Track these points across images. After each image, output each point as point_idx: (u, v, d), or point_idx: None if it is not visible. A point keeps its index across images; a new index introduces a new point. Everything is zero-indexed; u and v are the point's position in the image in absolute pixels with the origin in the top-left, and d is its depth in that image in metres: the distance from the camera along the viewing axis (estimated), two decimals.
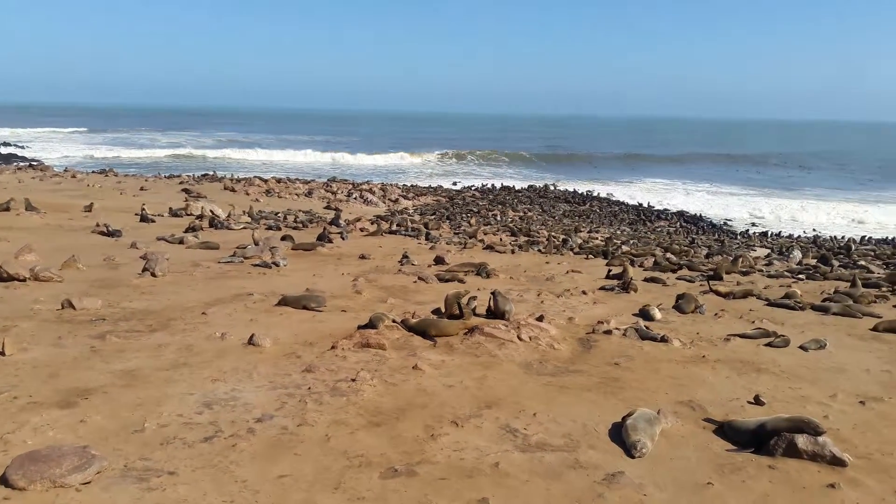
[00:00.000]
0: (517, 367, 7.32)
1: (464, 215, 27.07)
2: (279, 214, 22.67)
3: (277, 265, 13.12)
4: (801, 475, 4.92)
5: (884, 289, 13.58)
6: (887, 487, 4.80)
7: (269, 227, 19.47)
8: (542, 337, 8.36)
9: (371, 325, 8.33)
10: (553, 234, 22.37)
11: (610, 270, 14.51)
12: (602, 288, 12.68)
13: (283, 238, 16.89)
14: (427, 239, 19.40)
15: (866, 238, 25.12)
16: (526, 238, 20.89)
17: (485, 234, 21.75)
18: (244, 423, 5.47)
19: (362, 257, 14.95)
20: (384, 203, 30.45)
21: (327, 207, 26.57)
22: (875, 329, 10.01)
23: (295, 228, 19.74)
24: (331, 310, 9.66)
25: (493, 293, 9.59)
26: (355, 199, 30.28)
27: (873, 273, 16.04)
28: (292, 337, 8.11)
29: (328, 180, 37.44)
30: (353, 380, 6.47)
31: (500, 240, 20.25)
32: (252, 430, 5.35)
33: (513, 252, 17.74)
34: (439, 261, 14.88)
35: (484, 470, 4.80)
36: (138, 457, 4.79)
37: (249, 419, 5.55)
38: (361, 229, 20.72)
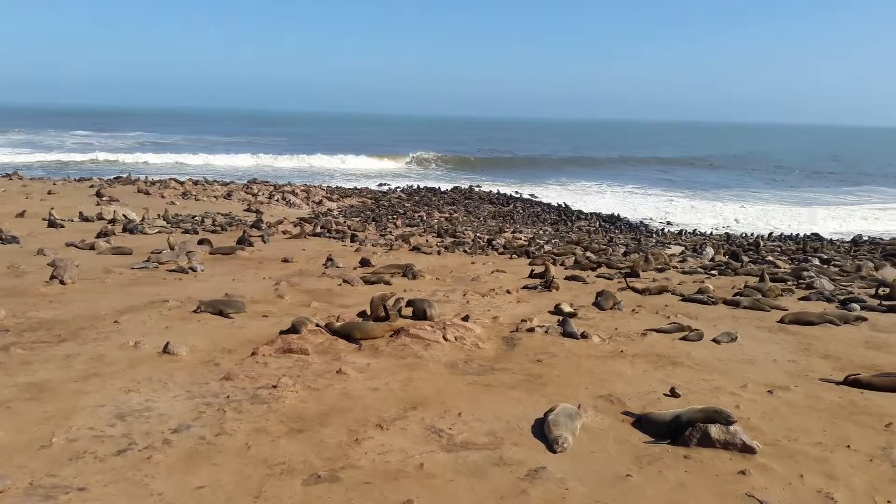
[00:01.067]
0: (443, 368, 7.33)
1: (390, 217, 26.97)
2: (196, 218, 21.96)
3: (194, 270, 12.70)
4: (714, 463, 5.12)
5: (789, 283, 14.33)
6: (793, 472, 5.05)
7: (186, 231, 18.84)
8: (468, 336, 8.42)
9: (293, 329, 8.17)
10: (478, 234, 22.58)
11: (533, 270, 14.75)
12: (525, 287, 12.87)
13: (201, 242, 16.37)
14: (352, 241, 19.23)
15: (774, 234, 26.50)
16: (452, 239, 20.99)
17: (410, 235, 21.74)
18: (159, 434, 5.27)
19: (285, 260, 14.66)
20: (307, 205, 29.97)
21: (248, 210, 25.94)
22: (782, 321, 10.56)
23: (213, 232, 19.18)
24: (251, 315, 9.42)
25: (410, 300, 9.64)
26: (277, 200, 29.67)
27: (780, 268, 16.93)
28: (210, 344, 7.87)
29: (248, 182, 36.55)
30: (275, 386, 6.33)
31: (427, 241, 20.28)
32: (168, 441, 5.15)
33: (439, 253, 17.78)
34: (365, 263, 14.76)
35: (409, 472, 4.78)
36: (45, 473, 4.53)
37: (165, 430, 5.35)
38: (284, 232, 20.33)
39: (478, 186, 42.59)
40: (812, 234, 26.45)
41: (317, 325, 8.39)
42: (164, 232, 18.26)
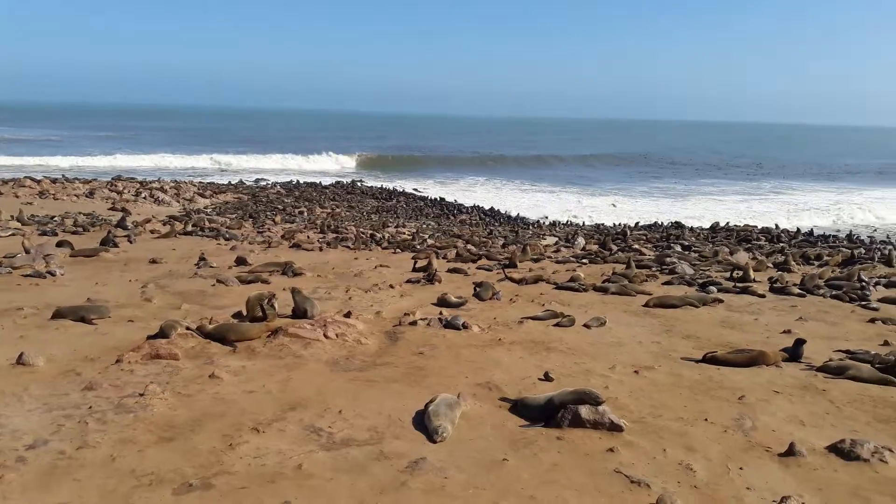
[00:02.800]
0: (323, 366, 7.23)
1: (268, 213, 26.20)
2: (55, 218, 20.38)
3: (53, 274, 11.78)
4: (585, 443, 5.36)
5: (654, 269, 15.26)
6: (657, 447, 5.38)
7: (44, 233, 17.42)
8: (350, 333, 8.34)
9: (162, 334, 7.76)
10: (361, 230, 22.41)
11: (416, 263, 14.83)
12: (409, 281, 12.92)
13: (60, 244, 15.19)
14: (227, 239, 18.52)
15: (639, 224, 28.06)
16: (334, 235, 20.71)
17: (297, 231, 21.26)
18: (12, 451, 4.87)
19: (153, 261, 13.90)
20: (178, 202, 28.54)
21: (112, 209, 24.36)
22: (646, 305, 11.23)
23: (74, 233, 17.86)
24: (116, 320, 8.87)
25: (292, 290, 9.44)
26: (145, 198, 28.06)
27: (645, 255, 17.98)
28: (70, 353, 7.33)
29: (112, 179, 34.32)
30: (142, 394, 5.99)
31: (308, 237, 19.89)
32: (22, 458, 4.77)
33: (320, 249, 17.49)
34: (241, 262, 14.26)
35: (286, 473, 4.67)
36: None
37: (19, 447, 4.94)
38: (152, 231, 19.26)
39: (360, 181, 42.25)
40: (674, 222, 28.22)
41: (188, 329, 8.01)
42: (18, 234, 16.80)
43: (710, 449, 5.37)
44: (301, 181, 40.80)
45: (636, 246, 20.08)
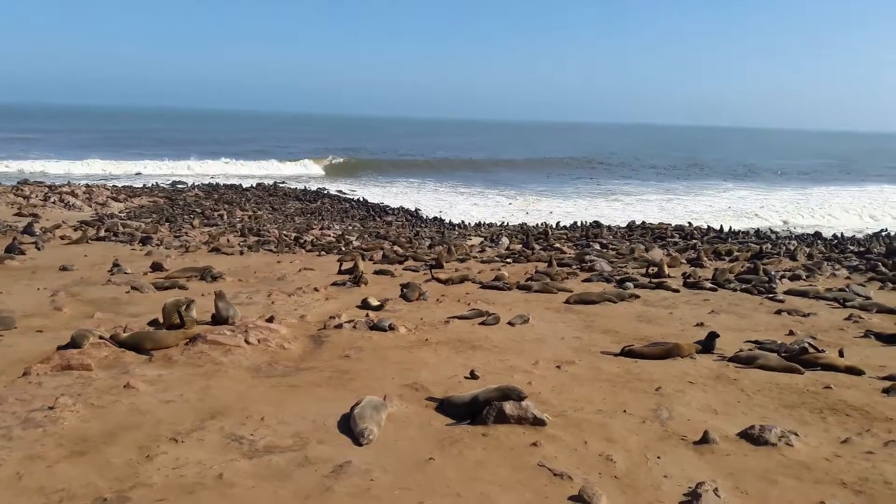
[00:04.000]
0: (245, 373, 7.06)
1: (186, 217, 25.39)
2: None
3: None
4: (509, 438, 5.44)
5: (574, 267, 15.65)
6: (578, 439, 5.52)
7: None
8: (272, 338, 8.19)
9: (73, 344, 7.40)
10: (285, 232, 22.02)
11: (342, 265, 14.69)
12: (334, 283, 12.78)
13: None
14: (143, 244, 17.83)
15: (560, 223, 28.70)
16: (256, 238, 20.26)
17: (220, 234, 20.66)
18: None
19: (63, 269, 13.23)
20: (90, 206, 27.27)
21: (18, 214, 23.06)
22: (567, 302, 11.51)
23: None
24: (23, 331, 8.40)
25: (216, 294, 9.18)
26: (54, 203, 26.66)
27: (566, 253, 18.42)
28: None
29: (18, 183, 32.47)
30: (52, 408, 5.69)
31: (228, 241, 19.38)
32: None
33: (241, 253, 17.08)
34: (157, 267, 13.75)
35: (206, 483, 4.54)
36: None
37: None
38: (62, 237, 18.32)
39: (282, 183, 41.44)
40: (593, 222, 29.00)
41: (100, 338, 7.67)
42: None
43: (628, 439, 5.55)
44: (221, 183, 39.75)
45: (557, 245, 20.56)
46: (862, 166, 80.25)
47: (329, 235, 22.30)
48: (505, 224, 29.26)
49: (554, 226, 27.68)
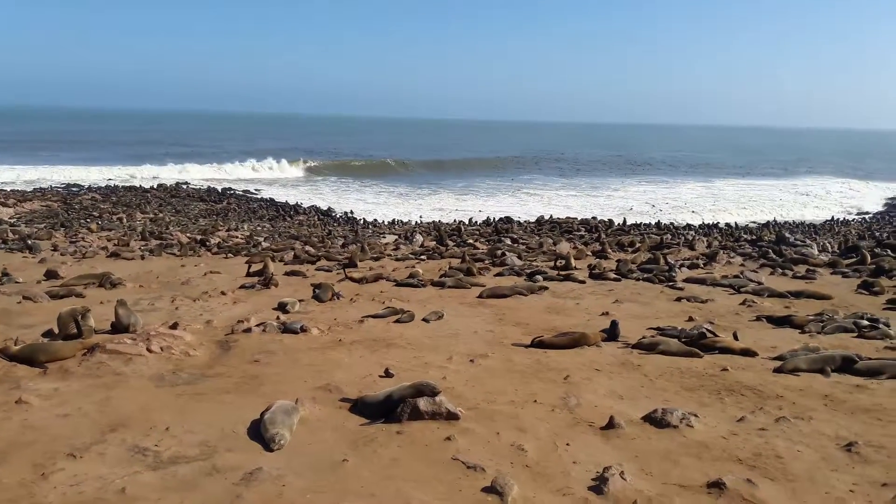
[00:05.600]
0: (147, 382, 6.76)
1: (82, 221, 24.07)
2: None
3: None
4: (424, 434, 5.46)
5: (486, 262, 15.87)
6: (491, 431, 5.60)
7: None
8: (177, 345, 7.88)
9: None
10: (189, 234, 21.24)
11: (250, 267, 14.32)
12: (243, 286, 12.44)
13: None
14: (34, 251, 16.77)
15: (472, 220, 29.05)
16: (158, 241, 19.46)
17: (109, 239, 19.67)
18: None
19: None
20: None
21: None
22: (480, 296, 11.68)
23: None
24: None
25: (118, 302, 8.75)
26: None
27: (479, 249, 18.66)
28: None
29: None
30: None
31: (128, 245, 18.52)
32: None
33: (143, 258, 16.35)
34: (51, 275, 12.97)
35: (108, 499, 4.32)
36: None
37: None
38: None
39: (185, 184, 39.92)
40: (504, 217, 29.52)
41: None
42: None
43: (539, 428, 5.68)
44: (120, 185, 37.94)
45: (470, 241, 20.80)
46: (758, 160, 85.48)
47: (237, 237, 21.71)
48: (419, 222, 29.34)
49: (467, 222, 27.99)
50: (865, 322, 9.55)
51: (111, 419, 5.70)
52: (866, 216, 34.83)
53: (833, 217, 32.65)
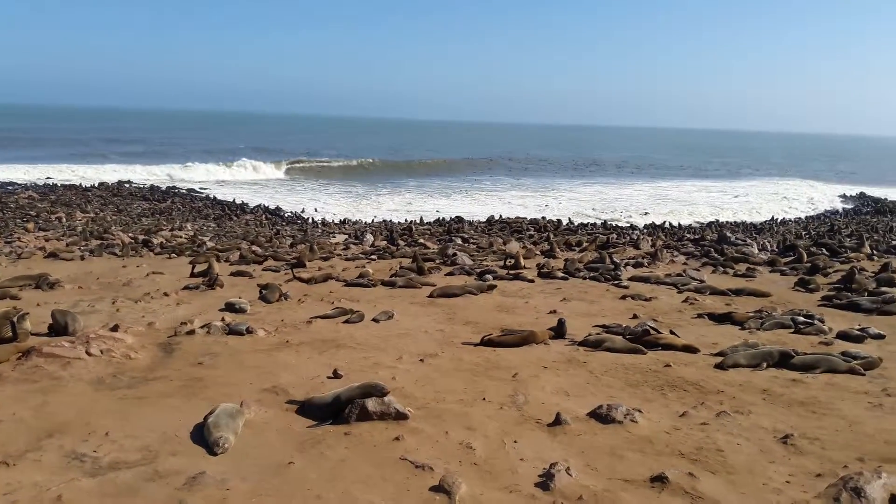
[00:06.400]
0: (86, 386, 6.56)
1: (18, 221, 23.13)
2: None
3: None
4: (372, 435, 5.44)
5: (437, 261, 15.90)
6: (440, 430, 5.61)
7: None
8: (117, 348, 7.66)
9: None
10: (131, 234, 20.65)
11: (194, 268, 14.00)
12: (186, 287, 12.16)
13: None
14: None
15: (423, 219, 29.06)
16: (98, 241, 18.87)
17: (46, 239, 18.98)
18: None
19: None
20: None
21: None
22: (431, 296, 11.68)
23: None
24: None
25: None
26: None
27: (429, 248, 18.67)
28: None
29: None
30: None
31: (66, 245, 17.90)
32: None
33: (82, 258, 15.82)
34: None
35: None
36: None
37: None
38: None
39: (128, 183, 38.78)
40: (455, 217, 29.61)
41: None
42: None
43: (487, 426, 5.72)
44: (59, 184, 36.64)
45: (421, 240, 20.79)
46: (703, 162, 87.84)
47: (180, 236, 21.21)
48: (370, 221, 29.19)
49: (418, 221, 27.97)
50: (802, 318, 9.91)
51: (48, 425, 5.51)
52: (802, 217, 36.15)
53: (773, 217, 33.77)
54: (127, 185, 37.65)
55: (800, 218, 35.09)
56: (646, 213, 35.46)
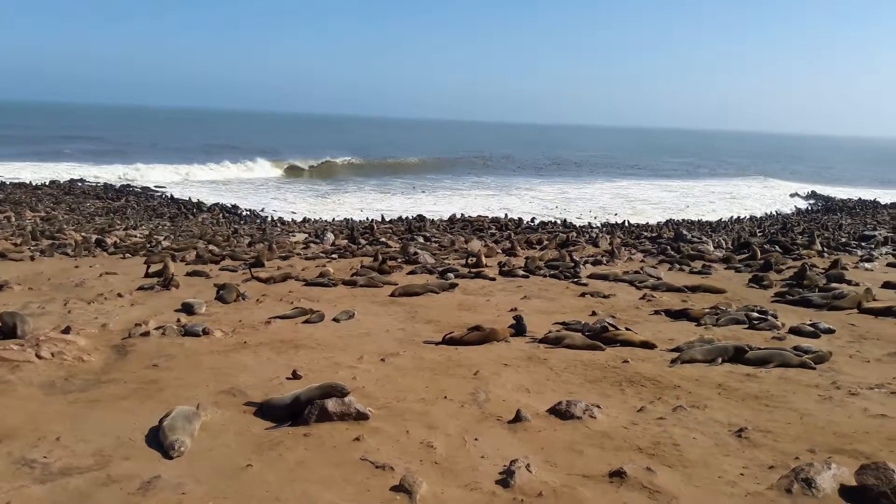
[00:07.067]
0: (36, 390, 6.36)
1: None
2: None
3: None
4: (332, 435, 5.39)
5: (399, 260, 15.84)
6: (401, 429, 5.59)
7: None
8: (69, 351, 7.46)
9: None
10: (84, 234, 20.11)
11: (149, 268, 13.70)
12: (141, 288, 11.88)
13: None
14: None
15: (385, 217, 28.96)
16: (49, 241, 18.32)
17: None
18: None
19: None
20: None
21: None
22: (392, 295, 11.63)
23: None
24: None
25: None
26: None
27: (391, 247, 18.61)
28: None
29: None
30: None
31: (16, 245, 17.34)
32: None
33: (32, 258, 15.35)
34: None
35: None
36: None
37: None
38: None
39: (81, 181, 37.76)
40: (417, 215, 29.58)
41: None
42: None
43: (448, 425, 5.71)
44: (7, 182, 35.50)
45: (383, 239, 20.70)
46: (662, 162, 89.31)
47: (135, 236, 20.73)
48: (331, 220, 28.96)
49: (380, 220, 27.86)
50: (756, 314, 10.15)
51: None
52: (756, 215, 37.04)
53: (732, 216, 34.53)
54: (80, 184, 36.66)
55: (754, 216, 35.93)
56: (615, 214, 35.88)
